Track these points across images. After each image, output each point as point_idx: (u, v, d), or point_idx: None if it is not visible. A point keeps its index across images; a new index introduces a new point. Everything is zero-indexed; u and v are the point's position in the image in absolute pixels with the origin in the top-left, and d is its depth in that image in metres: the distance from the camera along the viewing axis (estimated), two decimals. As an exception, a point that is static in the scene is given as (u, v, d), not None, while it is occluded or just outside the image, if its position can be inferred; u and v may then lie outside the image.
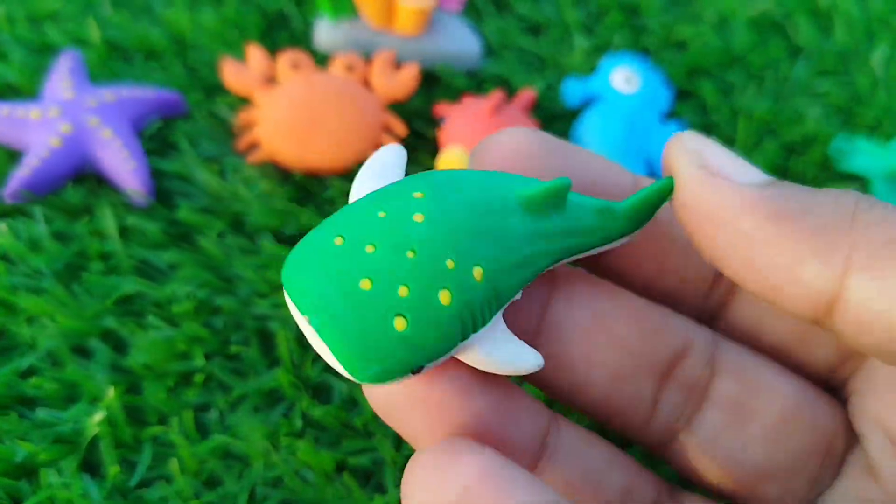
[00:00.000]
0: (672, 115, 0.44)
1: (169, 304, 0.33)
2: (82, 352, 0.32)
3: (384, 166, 0.20)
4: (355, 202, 0.19)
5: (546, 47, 0.45)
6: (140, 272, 0.34)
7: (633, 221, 0.21)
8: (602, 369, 0.21)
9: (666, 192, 0.20)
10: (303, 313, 0.18)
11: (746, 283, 0.17)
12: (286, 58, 0.38)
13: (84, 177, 0.36)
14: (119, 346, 0.32)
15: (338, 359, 0.17)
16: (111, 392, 0.29)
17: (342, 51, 0.41)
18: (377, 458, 0.30)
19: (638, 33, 0.48)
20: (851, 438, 0.22)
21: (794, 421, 0.21)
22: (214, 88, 0.40)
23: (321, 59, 0.42)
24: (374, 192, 0.19)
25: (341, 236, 0.18)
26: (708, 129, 0.43)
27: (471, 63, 0.43)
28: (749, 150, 0.42)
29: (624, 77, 0.41)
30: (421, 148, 0.39)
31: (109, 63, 0.40)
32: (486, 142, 0.21)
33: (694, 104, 0.45)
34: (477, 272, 0.18)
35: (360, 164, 0.37)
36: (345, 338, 0.17)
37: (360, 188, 0.20)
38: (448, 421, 0.18)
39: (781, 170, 0.42)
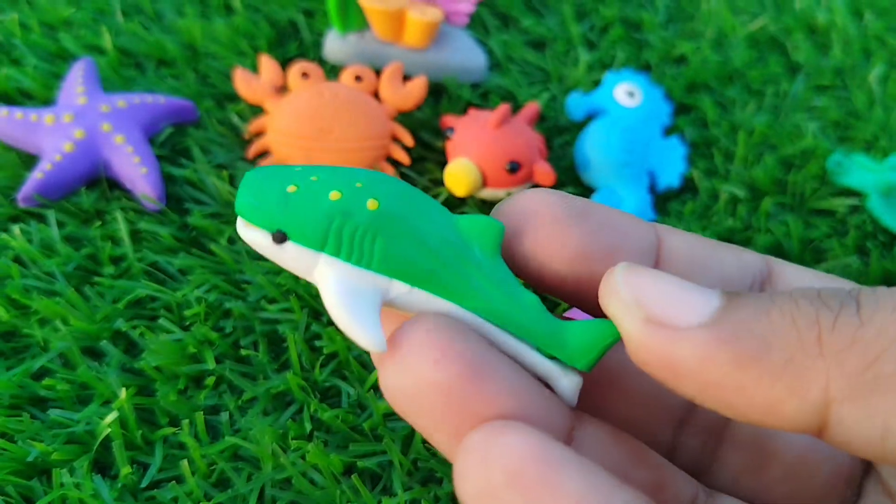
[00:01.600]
0: (672, 129, 0.45)
1: (180, 308, 0.33)
2: (94, 354, 0.32)
3: None
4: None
5: (550, 61, 0.46)
6: (151, 276, 0.34)
7: (564, 347, 0.19)
8: (619, 418, 0.20)
9: (613, 337, 0.19)
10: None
11: (732, 416, 0.16)
12: (297, 68, 0.39)
13: (96, 182, 0.36)
14: (130, 348, 0.32)
15: (237, 198, 0.19)
16: (123, 393, 0.30)
17: (351, 62, 0.42)
18: (385, 462, 0.30)
19: (639, 48, 0.49)
20: (868, 463, 0.21)
21: (815, 456, 0.21)
22: (225, 97, 0.41)
23: (331, 71, 0.42)
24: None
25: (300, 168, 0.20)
26: (708, 143, 0.44)
27: (476, 76, 0.44)
28: (749, 164, 0.43)
29: (626, 91, 0.42)
30: (428, 159, 0.40)
31: (122, 70, 0.41)
32: (510, 202, 0.20)
33: (693, 118, 0.45)
34: (372, 203, 0.18)
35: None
36: (249, 186, 0.19)
37: None
38: (473, 412, 0.17)
39: (781, 183, 0.43)
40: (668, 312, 0.16)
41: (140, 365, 0.31)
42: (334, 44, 0.42)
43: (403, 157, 0.38)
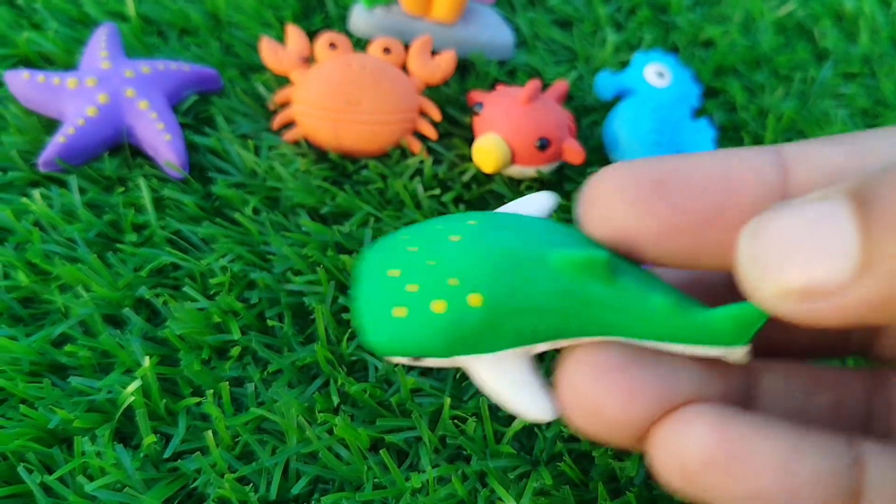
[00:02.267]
0: (700, 112, 0.44)
1: (203, 278, 0.32)
2: (116, 322, 0.31)
3: (530, 205, 0.22)
4: (443, 217, 0.21)
5: (577, 41, 0.46)
6: (174, 245, 0.33)
7: (715, 333, 0.19)
8: (790, 350, 0.20)
9: (763, 318, 0.18)
10: (357, 283, 0.21)
11: None
12: (324, 38, 0.38)
13: (119, 148, 0.36)
14: (153, 317, 0.32)
15: (359, 325, 0.20)
16: (146, 362, 0.29)
17: (376, 36, 0.41)
18: (412, 438, 0.30)
19: (667, 30, 0.48)
20: None
21: None
22: (250, 67, 0.40)
23: (356, 44, 0.42)
24: (459, 214, 0.21)
25: (409, 235, 0.21)
26: (736, 127, 0.44)
27: (503, 53, 0.43)
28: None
29: (656, 72, 0.41)
30: (455, 134, 0.39)
31: (144, 38, 0.40)
32: (585, 189, 0.19)
33: (721, 102, 0.45)
34: (474, 298, 0.19)
35: (395, 147, 0.37)
36: (366, 311, 0.20)
37: (503, 208, 0.23)
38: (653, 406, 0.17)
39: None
40: (803, 278, 0.14)
41: (163, 334, 0.30)
42: (360, 17, 0.42)
43: (431, 132, 0.38)
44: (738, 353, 0.19)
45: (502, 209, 0.22)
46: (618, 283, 0.19)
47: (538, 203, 0.22)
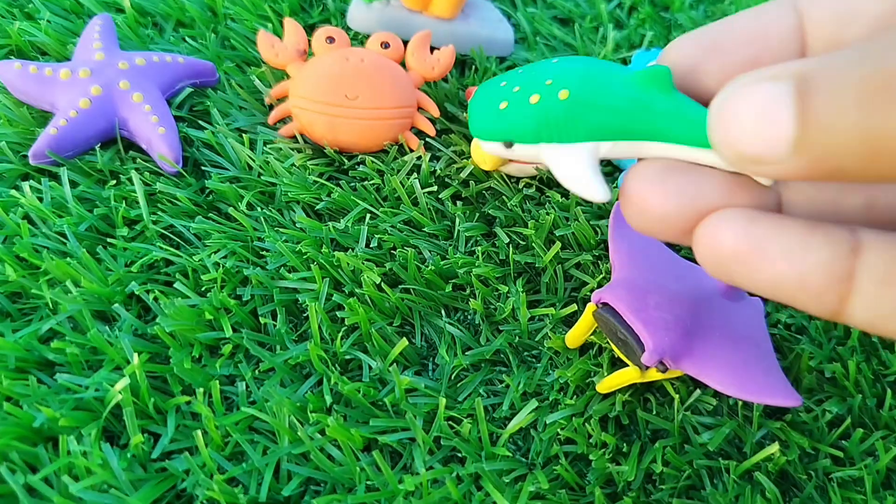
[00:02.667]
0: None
1: (196, 274, 0.32)
2: (105, 318, 0.31)
3: None
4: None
5: (577, 38, 0.45)
6: (167, 240, 0.33)
7: None
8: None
9: None
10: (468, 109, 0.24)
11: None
12: (322, 32, 0.37)
13: (111, 141, 0.35)
14: (143, 314, 0.31)
15: (469, 121, 0.24)
16: (136, 359, 0.28)
17: (374, 31, 0.40)
18: (406, 439, 0.29)
19: (668, 28, 0.47)
20: None
21: None
22: (247, 60, 0.40)
23: (354, 38, 0.41)
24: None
25: (521, 70, 0.24)
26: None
27: (503, 49, 0.43)
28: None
29: (659, 70, 0.41)
30: (453, 131, 0.39)
31: (139, 30, 0.40)
32: (669, 47, 0.22)
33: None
34: (563, 93, 0.23)
35: (392, 143, 0.37)
36: (475, 109, 0.23)
37: None
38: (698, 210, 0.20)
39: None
40: (752, 150, 0.18)
41: (154, 330, 0.30)
42: (358, 11, 0.41)
43: (429, 128, 0.37)
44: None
45: None
46: (675, 94, 0.23)
47: None
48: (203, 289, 0.31)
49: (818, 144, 0.16)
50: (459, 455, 0.29)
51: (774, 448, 0.30)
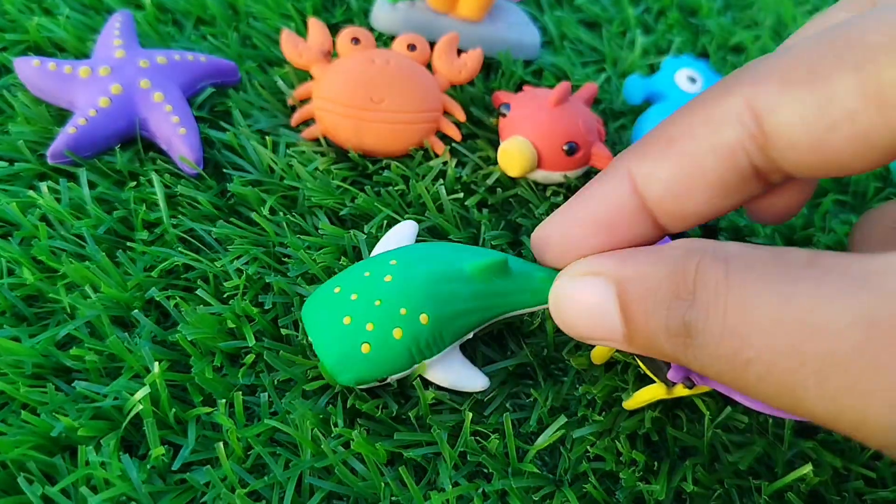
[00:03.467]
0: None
1: (217, 280, 0.31)
2: (124, 324, 0.30)
3: (400, 236, 0.31)
4: (354, 264, 0.29)
5: (605, 42, 0.44)
6: (187, 244, 0.32)
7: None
8: None
9: None
10: (309, 336, 0.28)
11: None
12: (347, 32, 0.36)
13: (131, 141, 0.34)
14: (163, 320, 0.30)
15: (328, 369, 0.27)
16: (156, 367, 0.27)
17: (399, 32, 0.40)
18: (432, 453, 0.28)
19: (696, 34, 0.46)
20: None
21: None
22: (269, 60, 0.39)
23: (380, 39, 0.40)
24: (369, 258, 0.29)
25: (339, 286, 0.27)
26: (767, 136, 0.42)
27: (530, 53, 0.42)
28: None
29: (688, 76, 0.40)
30: (479, 136, 0.38)
31: (159, 27, 0.39)
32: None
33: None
34: (423, 318, 0.26)
35: (417, 148, 0.36)
36: (331, 357, 0.27)
37: (378, 248, 0.30)
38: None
39: (842, 181, 0.41)
40: (591, 337, 0.22)
41: (174, 338, 0.29)
42: (382, 11, 0.40)
43: (455, 133, 0.36)
44: None
45: (382, 241, 0.31)
46: (512, 274, 0.27)
47: (405, 232, 0.31)
48: (225, 295, 0.31)
49: (643, 338, 0.21)
50: (485, 471, 0.28)
51: (807, 469, 0.29)
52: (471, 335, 0.28)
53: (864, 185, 0.41)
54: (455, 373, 0.28)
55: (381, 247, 0.30)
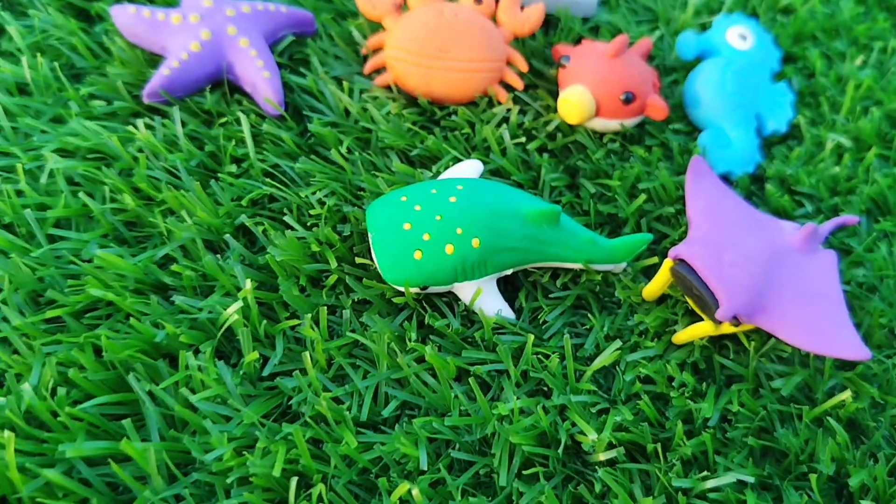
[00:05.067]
0: (779, 76, 0.44)
1: (300, 209, 0.34)
2: (213, 248, 0.33)
3: (466, 171, 0.34)
4: (423, 182, 0.32)
5: (658, 2, 0.46)
6: (272, 177, 0.35)
7: (614, 256, 0.33)
8: None
9: (644, 244, 0.33)
10: (369, 231, 0.31)
11: None
12: (417, -15, 0.39)
13: (217, 84, 0.37)
14: (249, 245, 0.33)
15: (379, 266, 0.30)
16: (248, 285, 0.30)
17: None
18: (496, 371, 0.31)
19: (747, -3, 0.48)
20: None
21: None
22: (342, 13, 0.41)
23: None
24: (439, 179, 0.32)
25: (406, 196, 0.31)
26: (814, 92, 0.44)
27: (587, 10, 0.44)
28: (855, 116, 0.43)
29: (739, 34, 0.41)
30: (539, 86, 0.40)
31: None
32: None
33: (800, 67, 0.45)
34: (475, 241, 0.30)
35: (482, 96, 0.38)
36: (385, 255, 0.30)
37: (445, 174, 0.33)
38: None
39: (886, 137, 0.42)
40: None
41: (262, 260, 0.32)
42: (448, -32, 0.42)
43: (517, 82, 0.39)
44: (622, 266, 0.34)
45: (447, 173, 0.34)
46: (560, 228, 0.31)
47: (471, 168, 0.34)
48: (308, 223, 0.33)
49: None
50: (545, 389, 0.31)
51: (846, 395, 0.31)
52: (510, 271, 0.31)
53: (907, 141, 0.42)
54: (488, 298, 0.31)
55: (447, 175, 0.33)
